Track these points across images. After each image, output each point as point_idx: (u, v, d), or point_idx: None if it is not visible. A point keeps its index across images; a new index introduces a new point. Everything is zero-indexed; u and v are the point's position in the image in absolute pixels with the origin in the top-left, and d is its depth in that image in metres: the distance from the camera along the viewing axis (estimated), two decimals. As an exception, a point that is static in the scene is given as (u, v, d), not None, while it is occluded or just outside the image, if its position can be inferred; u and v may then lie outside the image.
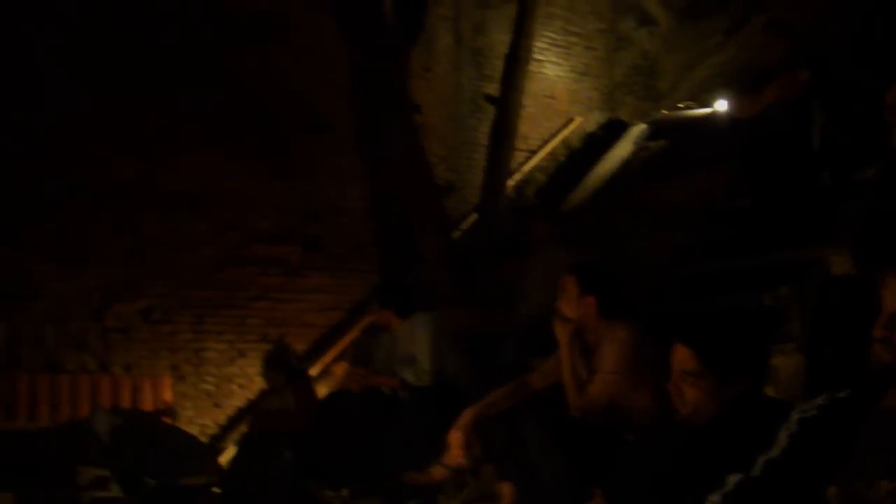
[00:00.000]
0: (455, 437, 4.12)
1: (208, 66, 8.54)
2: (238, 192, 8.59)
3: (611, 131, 11.38)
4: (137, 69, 8.31)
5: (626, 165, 10.59)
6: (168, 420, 7.57)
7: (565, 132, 11.30)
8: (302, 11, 8.70)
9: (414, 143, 8.05)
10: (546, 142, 11.13)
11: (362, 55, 8.12)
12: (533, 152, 10.95)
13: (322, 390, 7.36)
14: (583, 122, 11.52)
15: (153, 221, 8.43)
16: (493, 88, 9.53)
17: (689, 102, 11.19)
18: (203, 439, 8.18)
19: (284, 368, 6.52)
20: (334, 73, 8.69)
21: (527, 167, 10.78)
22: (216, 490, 6.08)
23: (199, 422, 8.43)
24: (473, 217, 9.41)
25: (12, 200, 8.14)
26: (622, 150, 10.83)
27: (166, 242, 8.46)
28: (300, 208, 8.77)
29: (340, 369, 7.92)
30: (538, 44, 10.22)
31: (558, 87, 11.43)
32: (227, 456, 7.41)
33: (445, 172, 9.68)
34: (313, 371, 8.13)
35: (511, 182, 9.84)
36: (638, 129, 11.12)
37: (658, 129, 10.93)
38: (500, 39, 9.94)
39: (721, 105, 9.17)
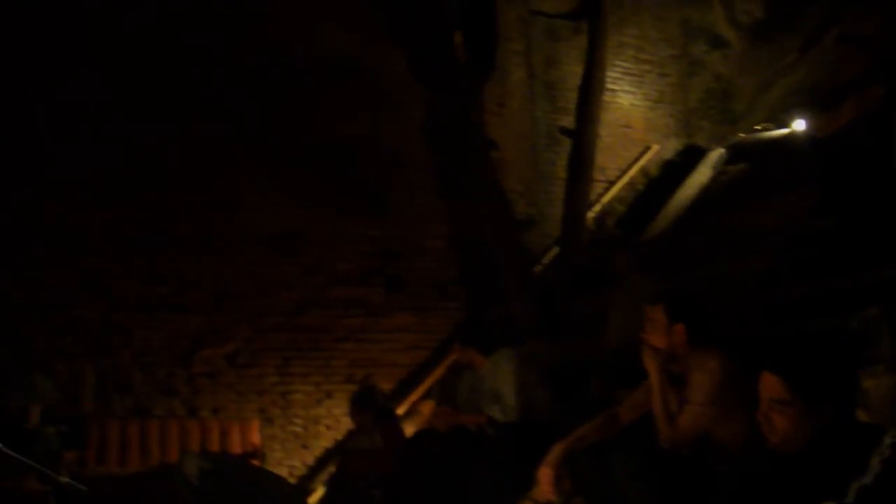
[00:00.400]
0: (544, 473, 4.10)
1: (289, 112, 8.73)
2: (320, 235, 8.72)
3: (688, 157, 11.28)
4: (222, 118, 8.57)
5: (706, 191, 10.47)
6: (256, 463, 7.65)
7: (643, 161, 11.23)
8: (377, 55, 8.83)
9: (492, 179, 8.10)
10: (624, 171, 11.08)
11: (437, 95, 8.21)
12: (611, 183, 10.90)
13: (409, 429, 7.38)
14: (660, 150, 11.43)
15: (237, 267, 8.60)
16: (567, 121, 9.54)
17: (766, 124, 11.04)
18: (292, 481, 8.28)
19: (371, 408, 6.55)
20: (411, 114, 8.80)
21: (606, 198, 10.74)
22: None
23: (287, 463, 8.53)
24: (554, 250, 9.38)
25: (101, 250, 8.41)
26: (701, 175, 10.72)
27: (250, 287, 8.62)
28: (381, 249, 8.85)
29: (427, 408, 7.96)
30: (611, 73, 10.21)
31: (634, 116, 11.38)
32: (315, 497, 7.48)
33: (525, 207, 9.69)
34: (400, 410, 8.16)
35: (591, 214, 9.82)
36: (716, 154, 11.01)
37: (736, 153, 10.80)
38: (573, 71, 9.95)
39: (799, 125, 9.05)
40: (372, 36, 8.88)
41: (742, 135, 11.27)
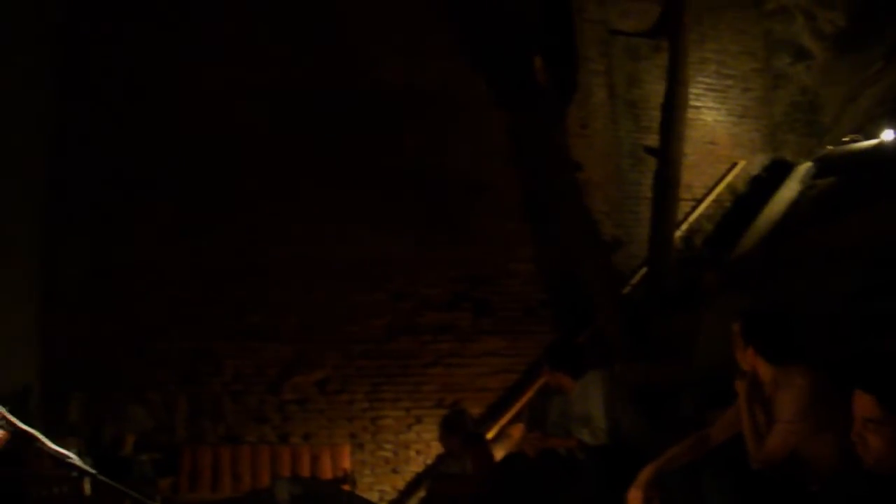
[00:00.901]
0: (634, 496, 4.07)
1: (375, 140, 8.86)
2: (407, 261, 8.79)
3: (776, 172, 11.07)
4: (309, 147, 8.78)
5: (795, 206, 10.27)
6: (347, 487, 7.71)
7: (729, 177, 11.05)
8: (460, 82, 8.91)
9: (578, 201, 8.08)
10: (710, 189, 10.92)
11: (520, 119, 8.24)
12: (698, 201, 10.76)
13: (499, 453, 7.37)
14: (746, 165, 11.25)
15: (326, 294, 8.73)
16: (652, 140, 9.47)
17: (853, 135, 10.79)
18: (382, 505, 8.35)
19: (460, 433, 6.56)
20: (495, 139, 8.84)
21: (693, 216, 10.60)
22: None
23: (378, 488, 8.58)
24: (643, 271, 9.30)
25: (192, 282, 8.61)
26: (789, 190, 10.52)
27: (339, 314, 8.72)
28: (469, 274, 8.88)
29: (517, 431, 7.93)
30: (693, 90, 10.11)
31: (718, 132, 11.23)
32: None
33: (611, 228, 9.64)
34: (490, 434, 8.17)
35: (678, 233, 9.72)
36: (804, 168, 10.79)
37: (825, 166, 10.57)
38: (655, 90, 9.88)
39: (888, 135, 8.84)
40: (454, 64, 8.97)
41: (830, 147, 11.03)
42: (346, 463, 8.27)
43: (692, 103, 9.86)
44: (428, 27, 9.12)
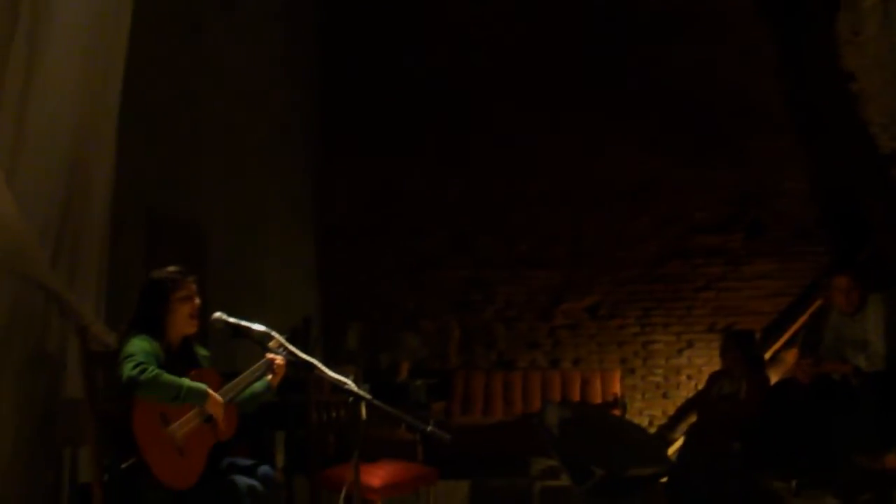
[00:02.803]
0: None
1: (643, 62, 8.64)
2: (676, 183, 8.56)
3: None
4: (576, 71, 8.71)
5: None
6: (617, 412, 7.70)
7: None
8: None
9: (851, 113, 7.51)
10: None
11: (787, 29, 7.74)
12: None
13: (772, 378, 7.10)
14: None
15: (595, 221, 8.68)
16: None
17: None
18: (651, 430, 8.28)
19: (745, 352, 6.30)
20: (763, 54, 8.39)
21: None
22: (664, 481, 6.12)
23: (648, 413, 8.53)
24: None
25: (465, 213, 8.84)
26: None
27: (608, 240, 8.66)
28: (739, 195, 8.52)
29: (790, 356, 7.61)
30: None
31: None
32: (675, 447, 7.42)
33: (888, 141, 8.89)
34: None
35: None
36: None
37: None
38: (942, -13, 8.97)
39: None
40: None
41: None
42: (617, 388, 8.24)
43: None
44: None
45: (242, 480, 3.68)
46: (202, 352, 3.99)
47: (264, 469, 3.90)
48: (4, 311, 4.06)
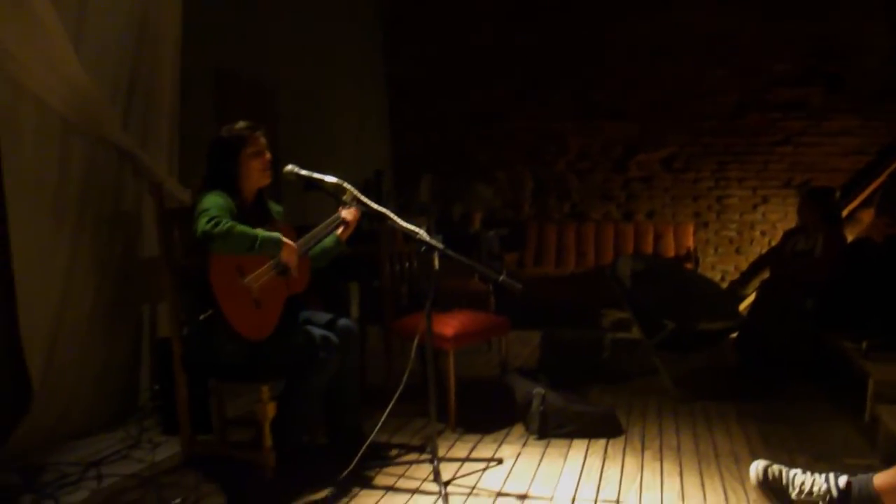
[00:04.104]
0: None
1: None
2: (755, 35, 8.21)
3: None
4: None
5: None
6: (689, 266, 7.63)
7: None
8: None
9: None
10: None
11: None
12: None
13: (847, 237, 6.92)
14: None
15: (671, 71, 8.40)
16: None
17: None
18: (723, 285, 8.20)
19: (824, 208, 6.11)
20: None
21: None
22: (734, 336, 6.08)
23: (720, 268, 8.44)
24: None
25: (536, 63, 8.64)
26: None
27: (684, 91, 8.40)
28: (820, 48, 8.13)
29: (866, 216, 7.41)
30: None
31: None
32: (747, 303, 7.34)
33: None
34: (839, 216, 7.68)
35: None
36: None
37: None
38: None
39: None
40: None
41: None
42: (690, 241, 8.15)
43: None
44: None
45: (317, 331, 3.72)
46: (275, 207, 3.98)
47: (344, 322, 3.94)
48: (79, 173, 4.09)
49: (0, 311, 3.84)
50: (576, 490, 3.57)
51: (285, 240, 3.52)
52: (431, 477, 3.68)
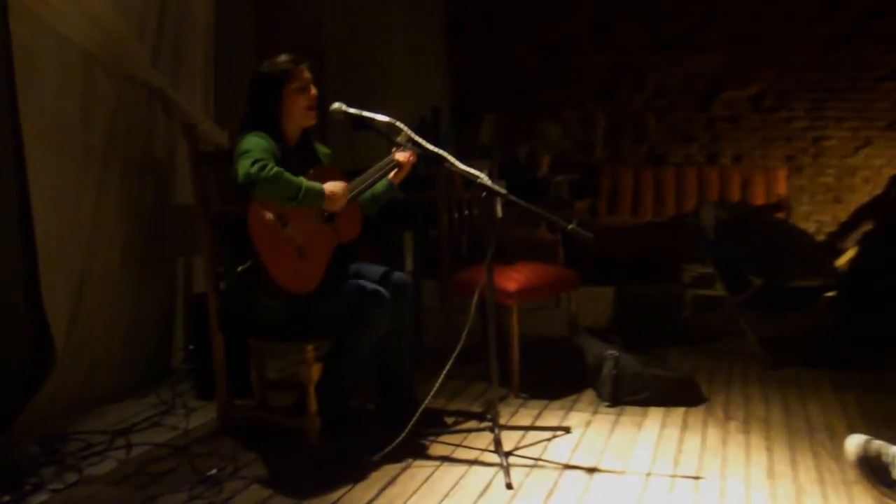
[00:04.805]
0: None
1: None
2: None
3: None
4: None
5: None
6: (781, 215, 7.49)
7: None
8: None
9: None
10: None
11: None
12: None
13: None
14: None
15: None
16: None
17: None
18: (819, 238, 8.05)
19: None
20: None
21: None
22: (830, 295, 5.94)
23: (815, 218, 8.26)
24: None
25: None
26: None
27: (773, 21, 8.20)
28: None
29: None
30: None
31: None
32: (845, 258, 7.19)
33: None
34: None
35: None
36: None
37: None
38: None
39: None
40: None
41: None
42: (782, 188, 7.99)
43: None
44: None
45: (368, 285, 3.67)
46: (322, 149, 3.94)
47: (399, 275, 3.90)
48: (105, 115, 4.08)
49: (20, 265, 3.85)
50: (651, 464, 3.51)
51: (329, 189, 3.47)
52: (492, 447, 3.64)
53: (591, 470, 3.45)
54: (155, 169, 4.43)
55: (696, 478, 3.37)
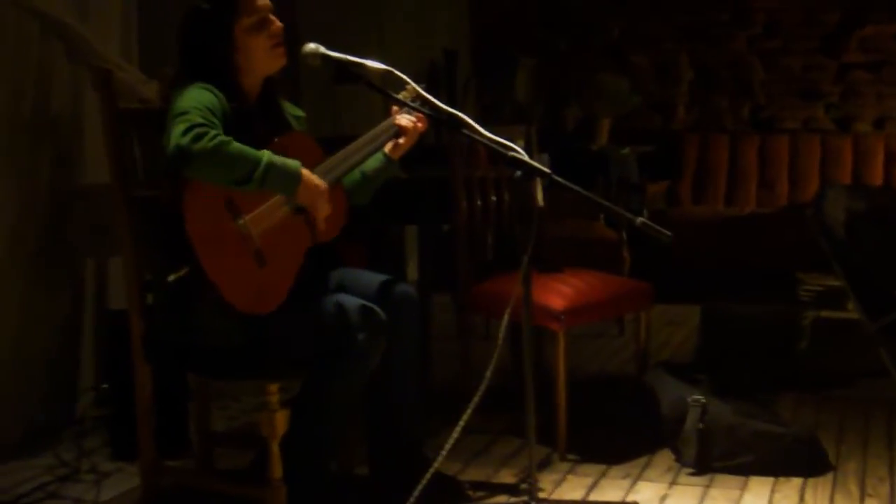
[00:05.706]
0: None
1: None
2: None
3: None
4: None
5: None
6: (941, 206, 7.54)
7: None
8: None
9: None
10: None
11: None
12: None
13: None
14: None
15: None
16: None
17: None
18: None
19: None
20: None
21: None
22: None
23: None
24: None
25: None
26: None
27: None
28: None
29: None
30: None
31: None
32: None
33: None
34: None
35: None
36: None
37: None
38: None
39: None
40: None
41: None
42: (945, 166, 8.08)
43: None
44: None
45: (354, 301, 3.67)
46: (293, 110, 3.96)
47: (402, 288, 3.92)
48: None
49: None
50: (755, 558, 3.56)
51: (306, 172, 3.44)
52: (528, 530, 3.68)
53: (669, 565, 3.50)
54: (53, 133, 4.46)
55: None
